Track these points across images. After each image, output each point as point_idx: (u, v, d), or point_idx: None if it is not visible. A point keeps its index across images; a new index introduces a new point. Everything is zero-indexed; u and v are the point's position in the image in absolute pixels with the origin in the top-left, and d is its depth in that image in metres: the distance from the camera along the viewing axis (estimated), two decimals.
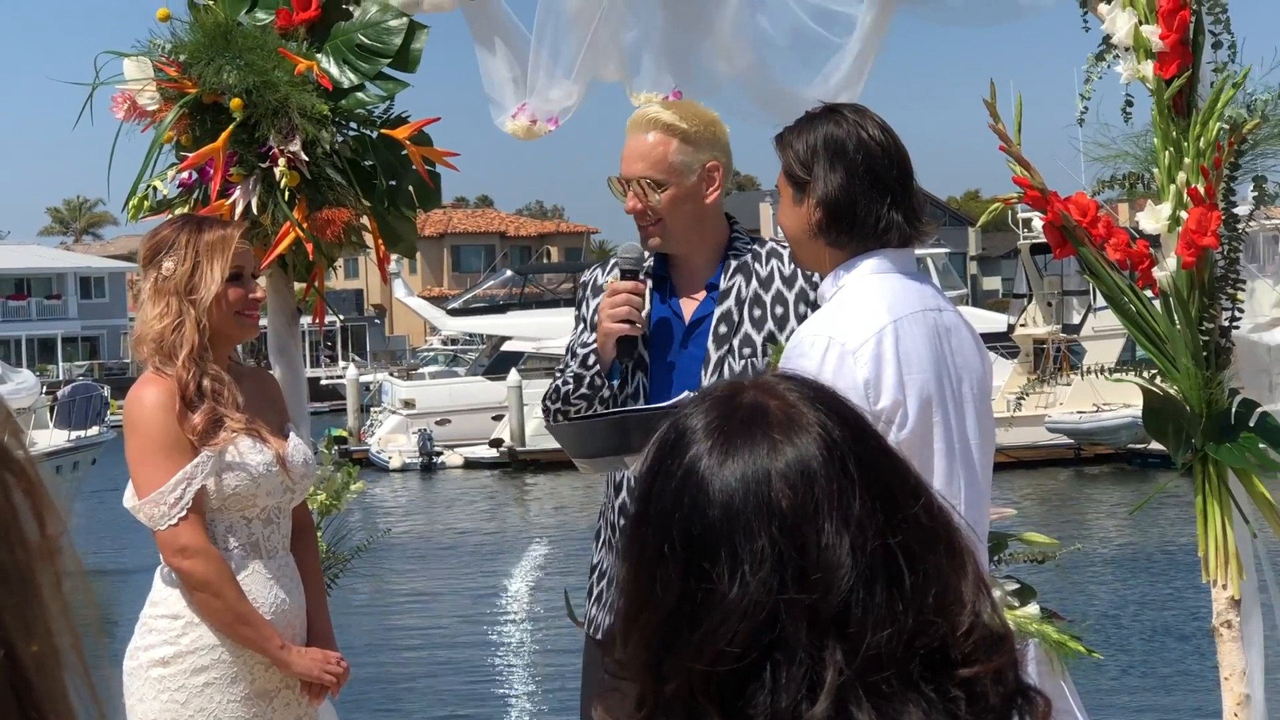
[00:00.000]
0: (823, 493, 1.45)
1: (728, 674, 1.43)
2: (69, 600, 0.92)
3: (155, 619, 4.14)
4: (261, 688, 4.14)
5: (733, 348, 4.18)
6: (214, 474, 4.04)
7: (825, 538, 1.44)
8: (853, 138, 3.46)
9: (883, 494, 1.47)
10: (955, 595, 1.46)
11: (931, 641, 1.44)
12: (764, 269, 4.26)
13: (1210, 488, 4.04)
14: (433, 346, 56.95)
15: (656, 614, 1.48)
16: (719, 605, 1.43)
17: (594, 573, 4.41)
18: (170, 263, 4.09)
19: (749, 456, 1.48)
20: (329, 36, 4.63)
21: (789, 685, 1.41)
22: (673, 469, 1.52)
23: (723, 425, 1.52)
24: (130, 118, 4.57)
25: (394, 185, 4.68)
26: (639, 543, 1.52)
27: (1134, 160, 4.16)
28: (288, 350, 4.90)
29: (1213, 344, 4.00)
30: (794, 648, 1.41)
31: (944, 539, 1.49)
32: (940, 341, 3.45)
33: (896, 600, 1.43)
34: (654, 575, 1.48)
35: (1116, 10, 4.05)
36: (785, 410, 1.51)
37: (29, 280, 76.43)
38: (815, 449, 1.47)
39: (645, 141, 4.21)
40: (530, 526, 29.98)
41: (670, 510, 1.49)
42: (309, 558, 4.37)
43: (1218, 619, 4.06)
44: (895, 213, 3.45)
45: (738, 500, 1.46)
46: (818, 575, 1.42)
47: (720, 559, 1.44)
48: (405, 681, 16.48)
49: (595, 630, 4.33)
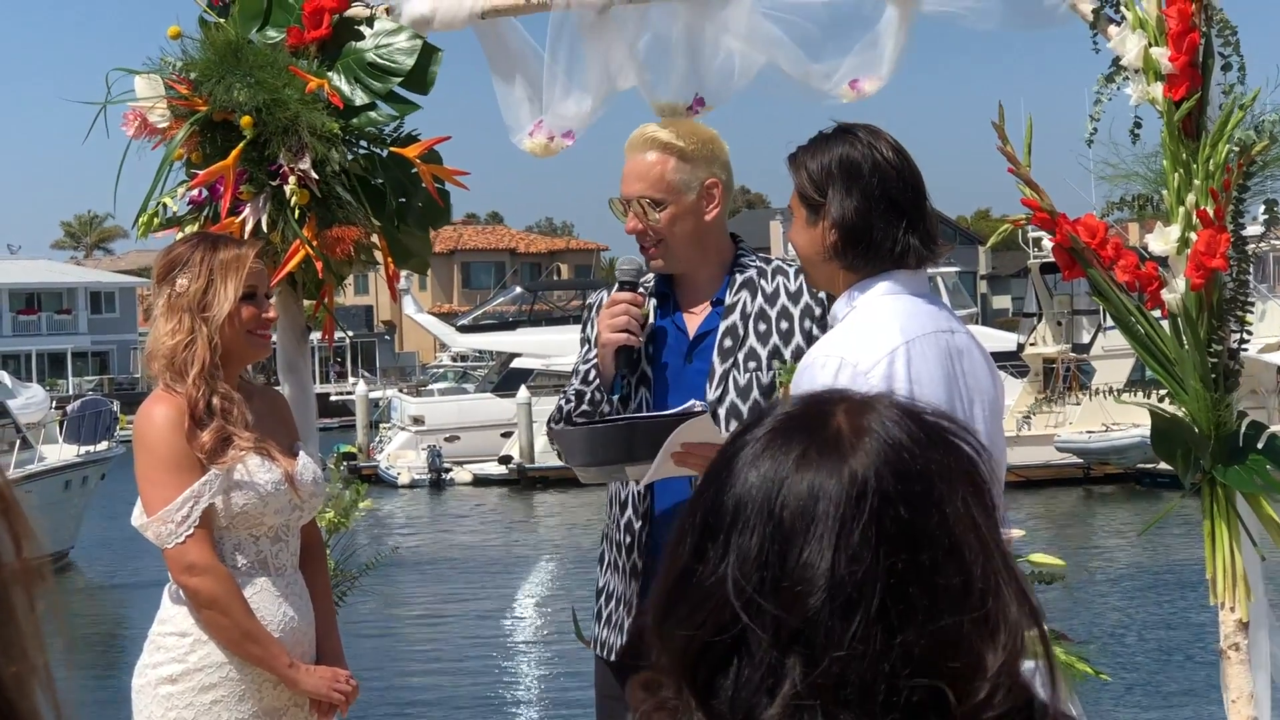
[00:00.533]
0: (824, 514, 1.47)
1: (701, 655, 1.48)
2: (40, 624, 0.92)
3: (163, 636, 4.14)
4: (269, 705, 4.13)
5: (738, 361, 4.18)
6: (222, 492, 4.04)
7: (808, 555, 1.45)
8: (868, 160, 3.46)
9: (900, 540, 1.47)
10: (970, 660, 1.46)
11: (931, 691, 1.44)
12: (770, 285, 4.27)
13: (1218, 510, 4.03)
14: (442, 363, 56.98)
15: (663, 582, 1.55)
16: (699, 587, 1.49)
17: (600, 595, 4.38)
18: (184, 280, 4.09)
19: (780, 459, 1.51)
20: (340, 55, 4.64)
21: (748, 683, 1.45)
22: (728, 449, 1.57)
23: (786, 423, 1.56)
24: (141, 135, 4.58)
25: (404, 203, 4.69)
26: (684, 510, 1.58)
27: (1143, 181, 4.15)
28: (297, 367, 4.91)
29: (1221, 366, 3.99)
30: (755, 650, 1.45)
31: (978, 608, 1.48)
32: (952, 363, 3.45)
33: (876, 638, 1.43)
34: (675, 545, 1.55)
35: (1126, 32, 4.06)
36: (841, 431, 1.53)
37: (39, 295, 76.60)
38: (838, 474, 1.49)
39: (643, 161, 4.23)
40: (539, 544, 29.97)
41: (704, 488, 1.56)
42: (318, 576, 4.37)
43: (1225, 641, 4.05)
44: (911, 236, 3.45)
45: (750, 495, 1.50)
46: (789, 587, 1.44)
47: (717, 544, 1.50)
48: (411, 701, 16.45)
49: (607, 652, 4.31)
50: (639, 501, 4.22)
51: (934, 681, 1.44)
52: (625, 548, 4.25)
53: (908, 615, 1.44)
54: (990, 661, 1.47)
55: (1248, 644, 4.02)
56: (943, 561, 1.48)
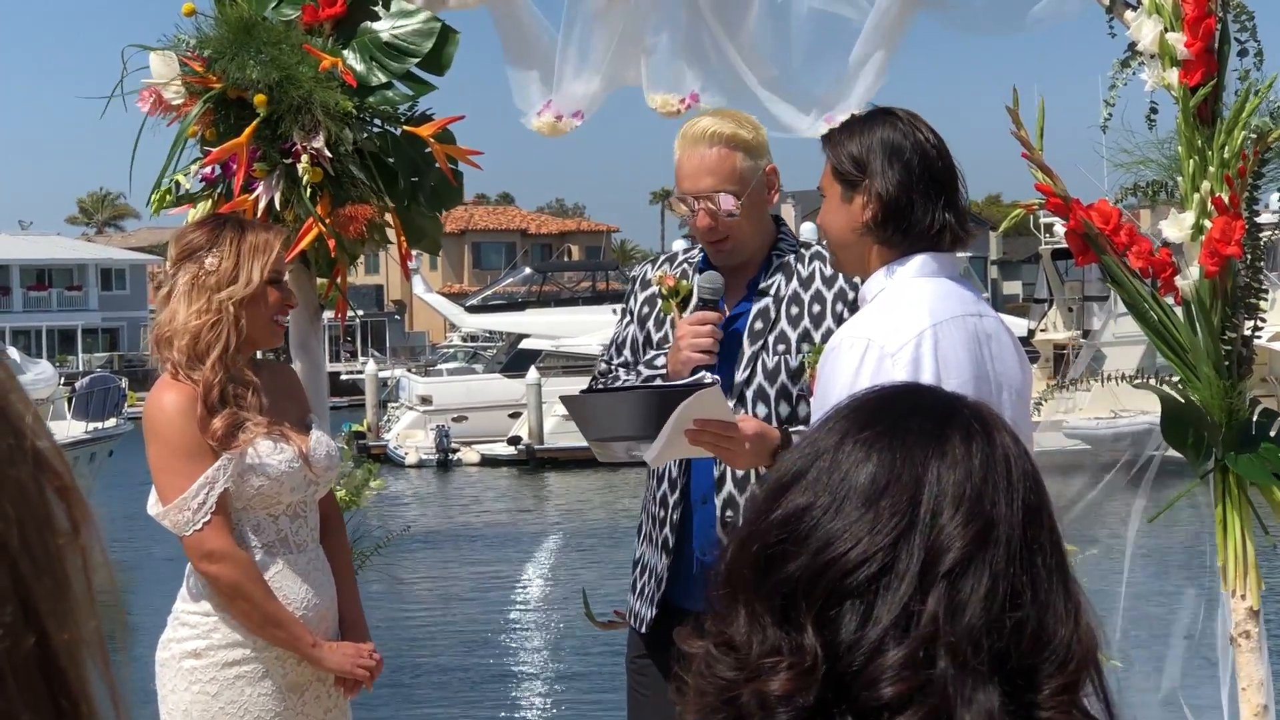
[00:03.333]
0: (985, 479, 1.55)
1: (832, 584, 1.51)
2: (95, 597, 0.94)
3: (187, 614, 4.16)
4: (293, 682, 4.15)
5: (767, 344, 4.18)
6: (235, 476, 4.04)
7: (965, 509, 1.53)
8: (910, 138, 3.47)
9: (1031, 515, 1.56)
10: (1062, 649, 1.53)
11: (1026, 671, 1.51)
12: (806, 269, 4.27)
13: (1230, 498, 4.03)
14: (453, 343, 56.97)
15: (784, 514, 1.57)
16: (851, 514, 1.54)
17: (635, 566, 4.41)
18: (212, 260, 4.08)
19: (933, 430, 1.59)
20: (355, 34, 4.64)
21: (883, 615, 1.49)
22: (840, 421, 1.63)
23: (915, 404, 1.66)
24: (155, 112, 4.57)
25: (416, 182, 4.69)
26: (790, 462, 1.62)
27: (1157, 167, 4.14)
28: (309, 345, 4.91)
29: (1234, 353, 3.98)
30: (901, 581, 1.49)
31: (1070, 597, 1.57)
32: (980, 347, 3.43)
33: (1006, 607, 1.50)
34: (793, 485, 1.58)
35: (1142, 17, 4.04)
36: (983, 416, 1.63)
37: (50, 271, 76.62)
38: (1001, 446, 1.59)
39: (711, 155, 4.17)
40: (547, 524, 29.99)
41: (833, 443, 1.60)
42: (339, 549, 4.37)
43: (1236, 629, 4.04)
44: (949, 214, 3.46)
45: (907, 457, 1.56)
46: (947, 529, 1.52)
47: (869, 488, 1.55)
48: (419, 679, 16.48)
49: (639, 624, 4.33)
50: (674, 479, 4.24)
51: (1035, 660, 1.51)
52: (659, 522, 4.27)
53: (1024, 589, 1.52)
54: (1061, 634, 1.54)
55: (1259, 631, 4.02)
56: (1047, 538, 1.57)
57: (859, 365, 3.28)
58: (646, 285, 4.41)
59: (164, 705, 4.16)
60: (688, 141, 4.21)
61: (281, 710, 4.13)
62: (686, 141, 4.21)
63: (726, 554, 1.61)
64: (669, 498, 4.25)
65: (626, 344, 4.43)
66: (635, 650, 4.40)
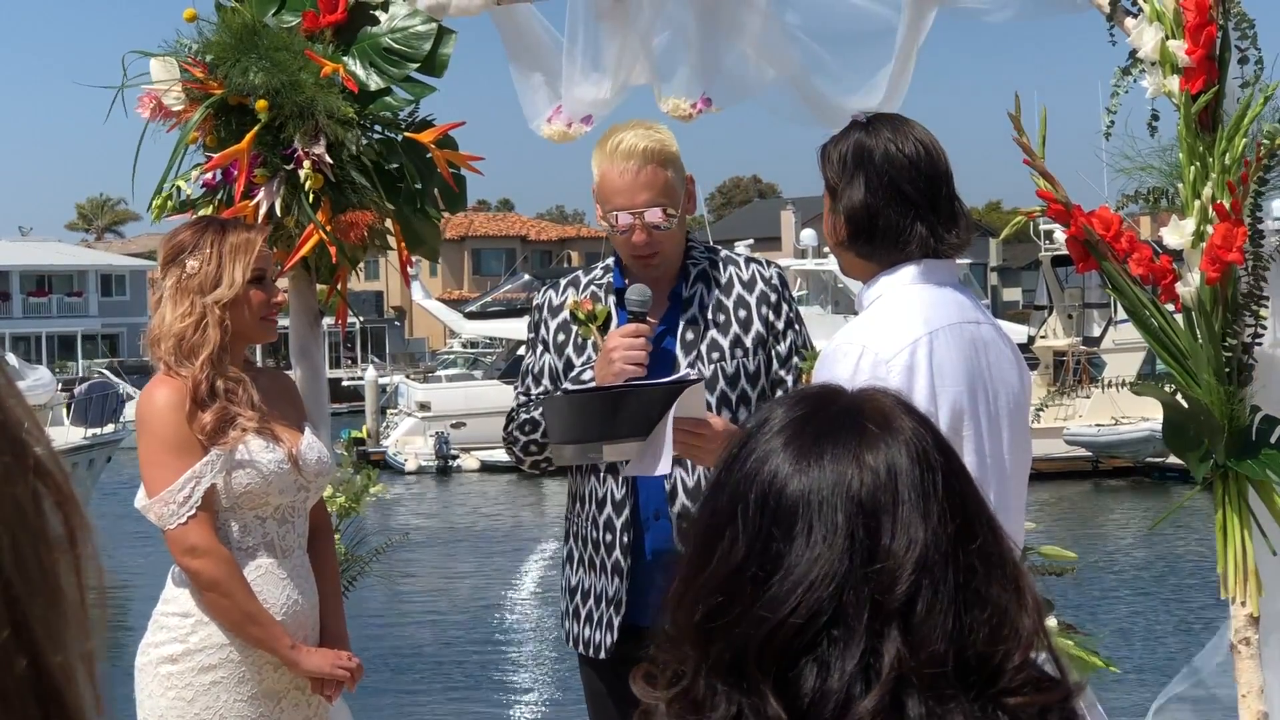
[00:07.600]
0: (905, 490, 1.50)
1: (784, 645, 1.46)
2: (89, 612, 0.92)
3: (166, 616, 4.16)
4: (269, 688, 4.14)
5: (701, 353, 4.15)
6: (223, 472, 4.04)
7: (899, 530, 1.48)
8: (880, 149, 3.44)
9: (959, 511, 1.51)
10: (1013, 628, 1.50)
11: (987, 663, 1.47)
12: (722, 275, 4.24)
13: (1230, 504, 4.02)
14: (453, 349, 56.94)
15: (719, 572, 1.51)
16: (788, 569, 1.47)
17: (575, 594, 4.30)
18: (194, 263, 4.09)
19: (842, 442, 1.53)
20: (356, 40, 4.64)
21: (843, 665, 1.44)
22: (755, 444, 1.56)
23: (816, 414, 1.57)
24: (156, 118, 4.58)
25: (418, 188, 4.69)
26: (710, 506, 1.56)
27: (1159, 174, 4.14)
28: (309, 351, 4.91)
29: (1235, 360, 3.98)
30: (854, 628, 1.45)
31: (1009, 573, 1.53)
32: (976, 355, 3.42)
33: (959, 613, 1.47)
34: (722, 535, 1.52)
35: (1143, 25, 4.04)
36: (881, 412, 1.57)
37: (50, 277, 76.58)
38: (906, 450, 1.52)
39: (645, 171, 4.09)
40: (545, 531, 29.98)
41: (752, 474, 1.54)
42: (326, 558, 4.36)
43: (1236, 636, 4.04)
44: (921, 225, 3.43)
45: (823, 477, 1.51)
46: (886, 564, 1.46)
47: (795, 527, 1.49)
48: (420, 679, 16.49)
49: (595, 650, 4.23)
50: (618, 500, 4.16)
51: (993, 649, 1.48)
52: (605, 546, 4.18)
53: (975, 585, 1.48)
54: (1023, 627, 1.51)
55: (1258, 638, 4.01)
56: (982, 527, 1.53)
57: (854, 371, 3.28)
58: (556, 312, 4.31)
59: (141, 710, 4.15)
60: (618, 157, 4.10)
61: (257, 716, 4.12)
62: (617, 157, 4.10)
63: (668, 610, 1.56)
64: (615, 520, 4.16)
65: (544, 373, 4.32)
66: (589, 677, 4.32)
